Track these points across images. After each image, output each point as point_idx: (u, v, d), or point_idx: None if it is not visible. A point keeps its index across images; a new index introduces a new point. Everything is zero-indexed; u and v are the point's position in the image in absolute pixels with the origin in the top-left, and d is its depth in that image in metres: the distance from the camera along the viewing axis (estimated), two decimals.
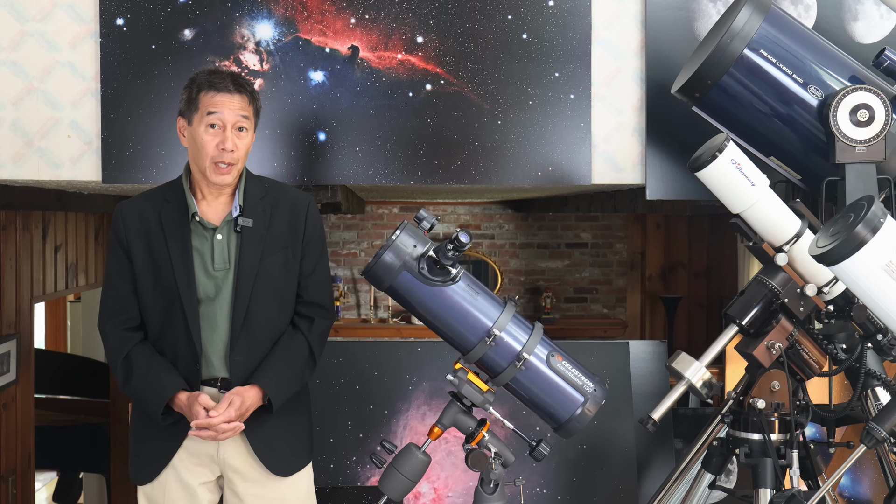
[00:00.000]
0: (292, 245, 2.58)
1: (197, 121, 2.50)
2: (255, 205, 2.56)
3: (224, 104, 2.49)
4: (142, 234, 2.53)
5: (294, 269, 2.59)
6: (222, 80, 2.50)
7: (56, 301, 9.27)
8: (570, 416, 2.35)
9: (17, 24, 3.16)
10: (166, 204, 2.55)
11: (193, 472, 2.58)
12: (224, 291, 2.52)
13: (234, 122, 2.49)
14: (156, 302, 2.53)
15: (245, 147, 2.52)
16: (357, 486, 3.56)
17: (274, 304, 2.56)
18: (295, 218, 2.59)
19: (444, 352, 3.55)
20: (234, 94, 2.50)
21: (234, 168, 2.51)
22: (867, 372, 2.45)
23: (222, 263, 2.52)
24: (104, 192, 4.18)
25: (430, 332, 2.42)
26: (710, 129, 2.74)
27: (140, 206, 2.57)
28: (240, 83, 2.52)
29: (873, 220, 1.88)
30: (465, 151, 3.20)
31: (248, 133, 2.53)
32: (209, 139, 2.48)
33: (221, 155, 2.48)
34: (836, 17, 3.18)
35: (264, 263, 2.53)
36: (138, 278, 2.53)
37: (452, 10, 3.18)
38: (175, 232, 2.51)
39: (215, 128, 2.49)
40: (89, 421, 6.88)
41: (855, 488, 3.57)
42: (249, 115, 2.53)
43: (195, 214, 2.52)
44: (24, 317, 5.00)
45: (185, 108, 2.55)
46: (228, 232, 2.53)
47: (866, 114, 2.55)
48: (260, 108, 2.61)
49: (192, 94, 2.53)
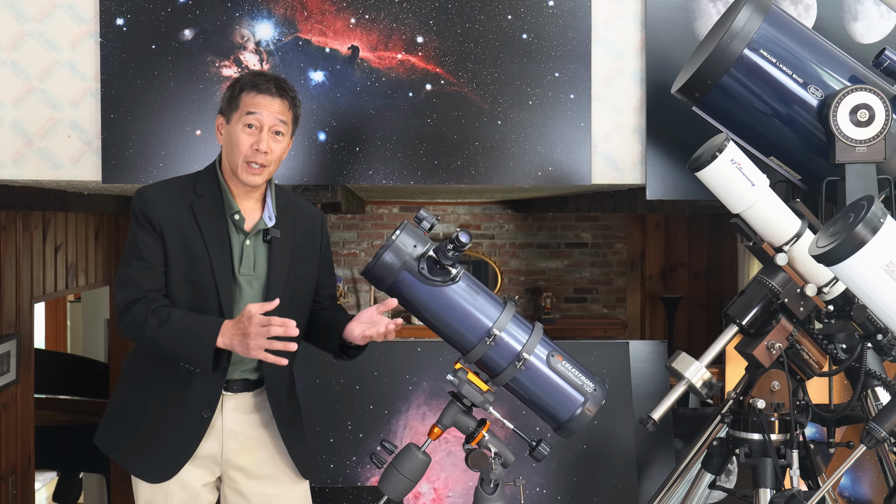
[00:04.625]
0: (311, 256, 2.62)
1: (236, 119, 2.50)
2: (282, 214, 2.57)
3: (264, 106, 2.49)
4: (175, 222, 2.48)
5: (312, 278, 2.63)
6: (266, 81, 2.51)
7: (56, 301, 9.28)
8: (570, 416, 2.35)
9: (17, 24, 3.16)
10: (198, 198, 2.51)
11: (195, 475, 2.57)
12: (245, 297, 2.52)
13: (271, 124, 2.49)
14: (182, 293, 2.49)
15: (280, 151, 2.52)
16: (357, 486, 3.57)
17: (295, 312, 2.54)
18: (312, 230, 2.64)
19: (444, 352, 3.55)
20: (276, 98, 2.50)
21: (265, 170, 2.50)
22: (867, 372, 2.45)
23: (247, 269, 2.52)
24: (104, 192, 4.18)
25: (430, 332, 2.42)
26: (710, 129, 2.74)
27: (169, 194, 2.52)
28: (283, 87, 2.53)
29: (873, 220, 1.88)
30: (465, 151, 3.20)
31: (283, 138, 2.53)
32: (245, 138, 2.48)
33: (255, 155, 2.48)
34: (836, 17, 3.18)
35: (291, 273, 2.56)
36: (169, 264, 2.48)
37: (452, 10, 3.18)
38: (212, 228, 2.49)
39: (252, 128, 2.49)
40: (89, 421, 6.87)
41: (855, 488, 3.57)
42: (288, 121, 2.53)
43: (236, 213, 2.51)
44: (24, 317, 5.00)
45: (225, 106, 2.55)
46: (256, 240, 2.54)
47: (866, 114, 2.55)
48: (299, 116, 2.60)
49: (234, 92, 2.53)
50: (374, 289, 7.62)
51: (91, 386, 7.53)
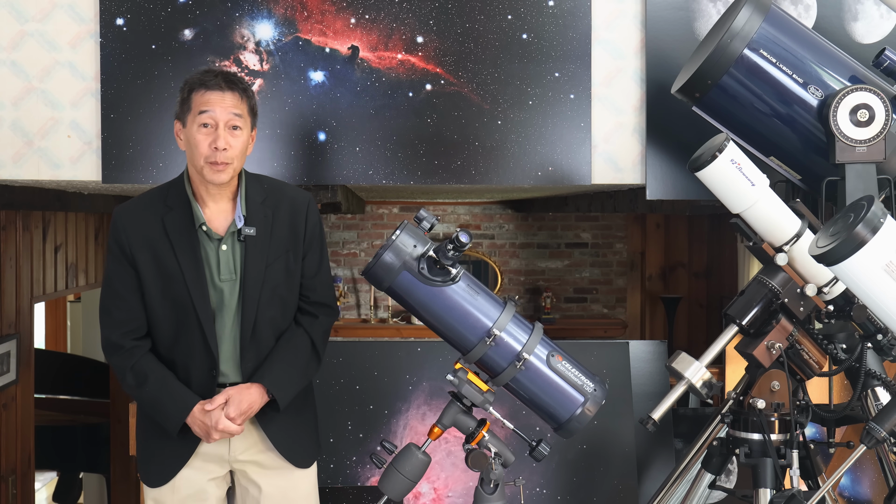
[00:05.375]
0: (293, 248, 2.57)
1: (190, 121, 2.48)
2: (256, 210, 2.53)
3: (215, 102, 2.45)
4: (146, 243, 2.49)
5: (296, 271, 2.58)
6: (213, 78, 2.48)
7: (56, 301, 9.27)
8: (571, 416, 2.35)
9: (17, 24, 3.16)
10: (169, 210, 2.51)
11: (202, 470, 2.58)
12: (231, 300, 2.51)
13: (226, 120, 2.46)
14: (165, 312, 2.51)
15: (240, 146, 2.48)
16: (357, 486, 3.56)
17: (278, 309, 2.56)
18: (295, 220, 2.58)
19: (444, 352, 3.55)
20: (226, 92, 2.47)
21: (229, 167, 2.47)
22: (867, 372, 2.45)
23: (228, 274, 2.51)
24: (104, 192, 4.18)
25: (430, 332, 2.42)
26: (710, 129, 2.74)
27: (140, 212, 2.53)
28: (231, 81, 2.49)
29: (873, 220, 1.88)
30: (465, 151, 3.20)
31: (242, 132, 2.49)
32: (202, 138, 2.45)
33: (214, 154, 2.44)
34: (836, 17, 3.18)
35: (269, 271, 2.53)
36: (145, 288, 2.50)
37: (452, 10, 3.18)
38: (182, 242, 2.48)
39: (208, 127, 2.46)
40: (89, 421, 6.88)
41: (855, 488, 3.57)
42: (243, 114, 2.49)
43: (203, 224, 2.50)
44: (24, 317, 5.00)
45: (179, 111, 2.52)
46: (233, 241, 2.52)
47: (866, 114, 2.55)
48: (255, 106, 2.56)
49: (185, 94, 2.51)
50: (373, 289, 7.62)
51: (91, 386, 7.53)
